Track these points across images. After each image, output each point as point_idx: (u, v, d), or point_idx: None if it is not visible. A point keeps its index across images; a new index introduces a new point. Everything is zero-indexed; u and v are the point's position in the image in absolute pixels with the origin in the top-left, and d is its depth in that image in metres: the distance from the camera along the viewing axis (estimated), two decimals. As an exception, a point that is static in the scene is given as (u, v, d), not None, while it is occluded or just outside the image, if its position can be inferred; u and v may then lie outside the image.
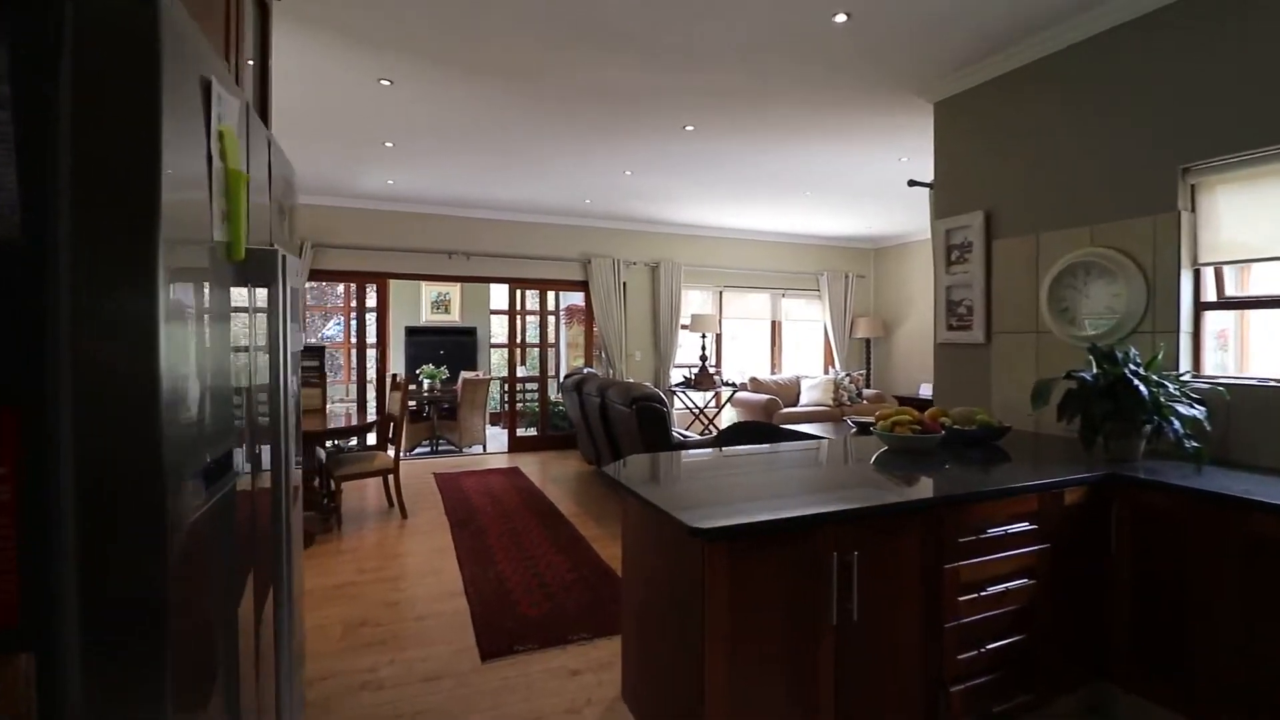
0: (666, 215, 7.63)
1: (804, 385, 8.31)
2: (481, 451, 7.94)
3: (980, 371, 3.40)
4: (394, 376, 5.02)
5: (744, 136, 4.72)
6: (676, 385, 7.99)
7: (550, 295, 8.00)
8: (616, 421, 4.83)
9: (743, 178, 5.92)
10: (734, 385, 8.05)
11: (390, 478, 4.82)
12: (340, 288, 10.05)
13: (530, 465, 6.80)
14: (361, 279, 6.92)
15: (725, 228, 8.34)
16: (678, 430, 5.21)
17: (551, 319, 8.56)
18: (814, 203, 6.90)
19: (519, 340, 7.72)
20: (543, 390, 7.87)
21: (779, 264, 8.94)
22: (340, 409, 7.18)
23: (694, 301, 8.64)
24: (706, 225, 8.21)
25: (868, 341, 9.29)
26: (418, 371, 8.59)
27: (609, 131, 4.66)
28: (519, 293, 7.62)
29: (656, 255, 8.17)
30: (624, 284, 7.85)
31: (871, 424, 2.71)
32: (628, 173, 5.70)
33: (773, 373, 9.20)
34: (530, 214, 7.47)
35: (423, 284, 9.92)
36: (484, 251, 7.27)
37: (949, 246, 3.58)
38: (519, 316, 7.72)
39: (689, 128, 4.55)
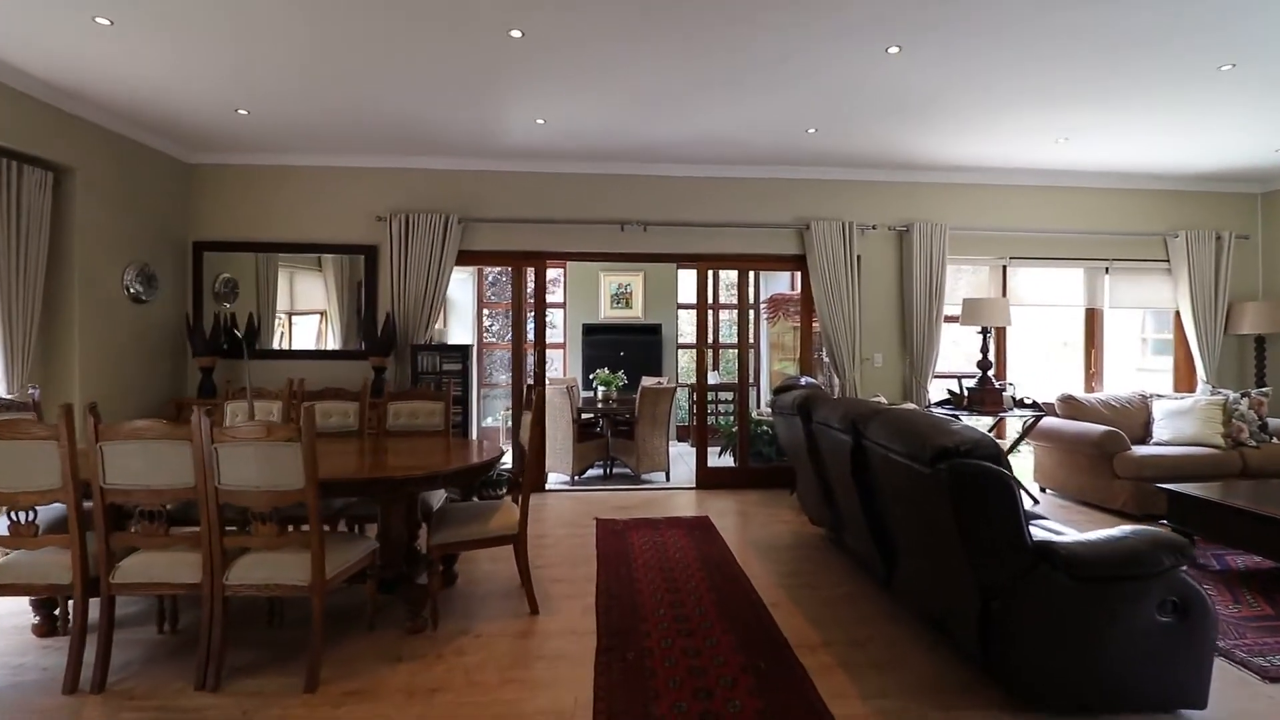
0: (928, 150, 5.18)
1: (1158, 410, 5.25)
2: (664, 481, 6.18)
3: None
4: (528, 390, 3.38)
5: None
6: (938, 405, 5.48)
7: (752, 278, 5.93)
8: (894, 485, 2.67)
9: (1104, 46, 3.36)
10: (1033, 406, 5.30)
11: (515, 548, 3.16)
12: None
13: (725, 514, 4.84)
14: (518, 261, 5.52)
15: (1017, 167, 5.60)
16: (1046, 525, 2.84)
17: (754, 312, 6.50)
18: (1222, 91, 4.00)
19: (710, 338, 5.78)
20: (741, 403, 5.86)
21: (1101, 220, 5.92)
22: (486, 426, 5.82)
23: (963, 282, 6.02)
24: (987, 164, 5.56)
25: (1259, 340, 5.83)
26: (591, 377, 7.11)
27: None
28: (710, 276, 5.69)
29: (907, 214, 5.72)
30: (857, 258, 5.54)
31: None
32: (893, 49, 3.46)
33: (1089, 387, 6.17)
34: (725, 165, 5.51)
35: (601, 274, 8.52)
36: (665, 219, 5.47)
37: None
38: (709, 310, 5.78)
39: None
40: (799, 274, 5.99)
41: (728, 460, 6.24)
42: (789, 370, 7.94)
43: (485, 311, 8.59)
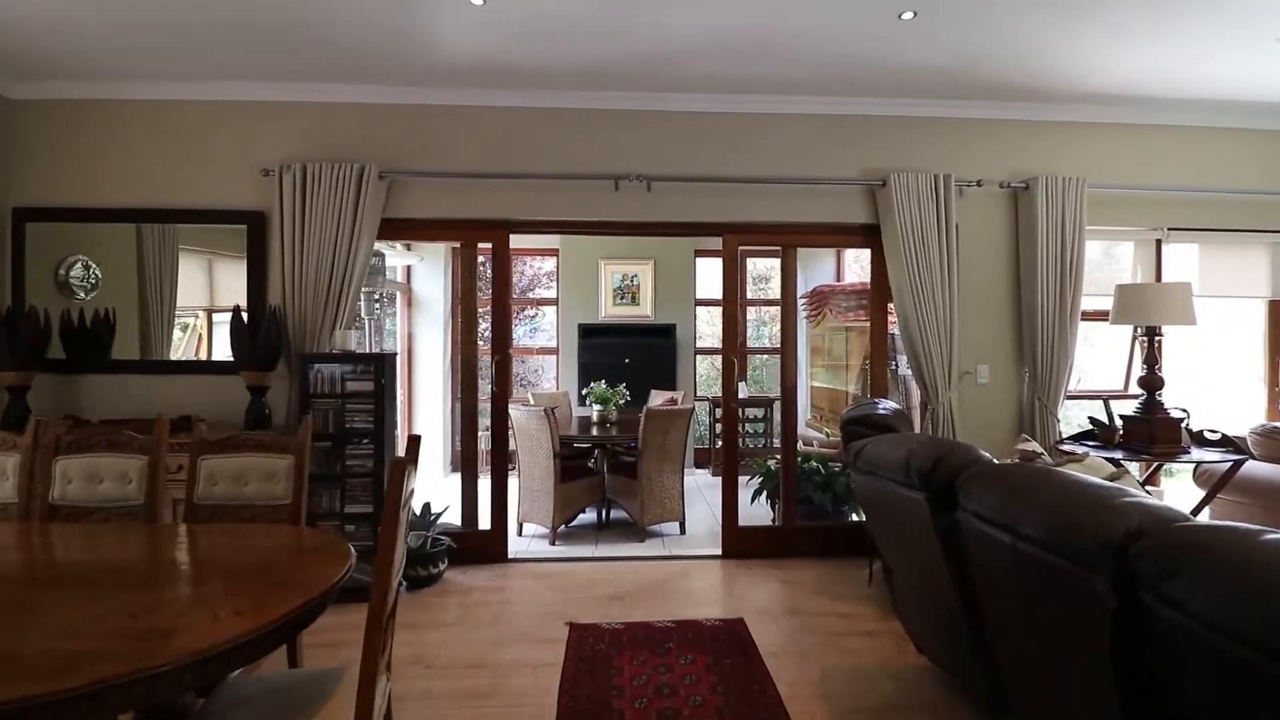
0: (1074, 65, 3.47)
1: None
2: (676, 533, 4.54)
3: None
4: (412, 441, 1.76)
5: None
6: (1074, 441, 3.78)
7: (800, 259, 4.27)
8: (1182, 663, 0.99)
9: None
10: (1222, 444, 3.54)
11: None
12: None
13: (769, 611, 3.16)
14: (469, 233, 3.91)
15: (1190, 97, 3.85)
16: None
17: (786, 307, 4.83)
18: None
19: (740, 339, 4.11)
20: (788, 435, 4.18)
21: (1301, 174, 4.16)
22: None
23: (1101, 258, 4.29)
24: (1146, 90, 3.82)
25: None
26: (585, 392, 5.49)
27: None
28: (740, 259, 4.04)
29: (1026, 165, 4.00)
30: (955, 227, 3.84)
31: None
32: None
33: (1275, 412, 4.39)
34: (764, 94, 3.85)
35: (602, 263, 6.90)
36: (676, 173, 3.82)
37: None
38: (740, 307, 4.14)
39: None
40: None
41: (762, 507, 4.57)
42: (831, 383, 6.25)
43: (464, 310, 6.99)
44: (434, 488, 5.62)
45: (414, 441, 1.79)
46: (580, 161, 3.82)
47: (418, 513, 3.56)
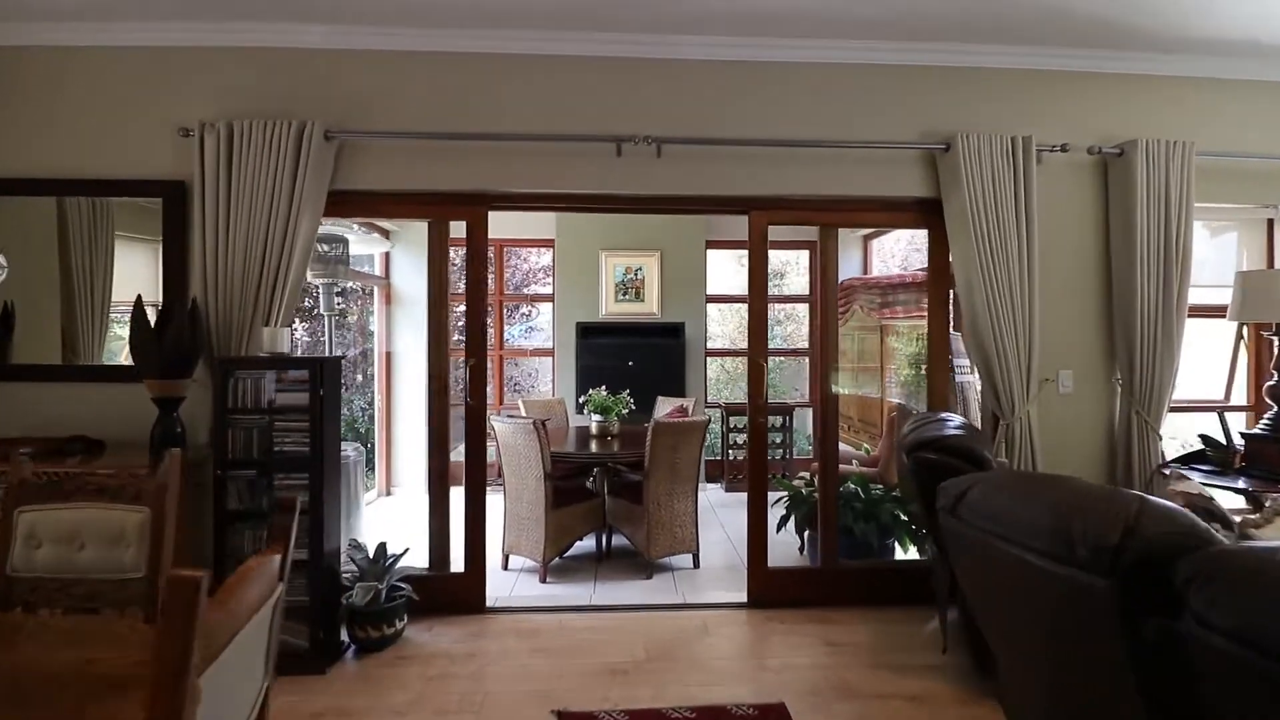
0: (1159, 9, 2.75)
1: None
2: (689, 567, 3.84)
3: None
4: (285, 508, 1.06)
5: None
6: (1182, 463, 3.06)
7: (836, 245, 3.54)
8: None
9: None
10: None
11: None
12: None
13: (817, 691, 2.44)
14: (439, 208, 3.20)
15: (1322, 41, 3.13)
16: None
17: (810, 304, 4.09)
18: None
19: (769, 338, 3.40)
20: (826, 448, 3.45)
21: None
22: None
23: (1208, 242, 3.58)
24: (1253, 40, 3.09)
25: None
26: (582, 400, 4.78)
27: None
28: (767, 242, 3.33)
29: (1119, 127, 3.27)
30: (1030, 198, 3.11)
31: None
32: None
33: None
34: (799, 39, 3.13)
35: (602, 255, 6.19)
36: (691, 134, 3.09)
37: None
38: (771, 304, 3.44)
39: None
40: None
41: (790, 535, 3.86)
42: (860, 390, 5.52)
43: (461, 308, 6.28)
44: (418, 515, 4.93)
45: (287, 508, 1.08)
46: (575, 120, 3.11)
47: (370, 555, 2.84)
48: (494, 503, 4.04)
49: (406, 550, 2.91)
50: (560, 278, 6.27)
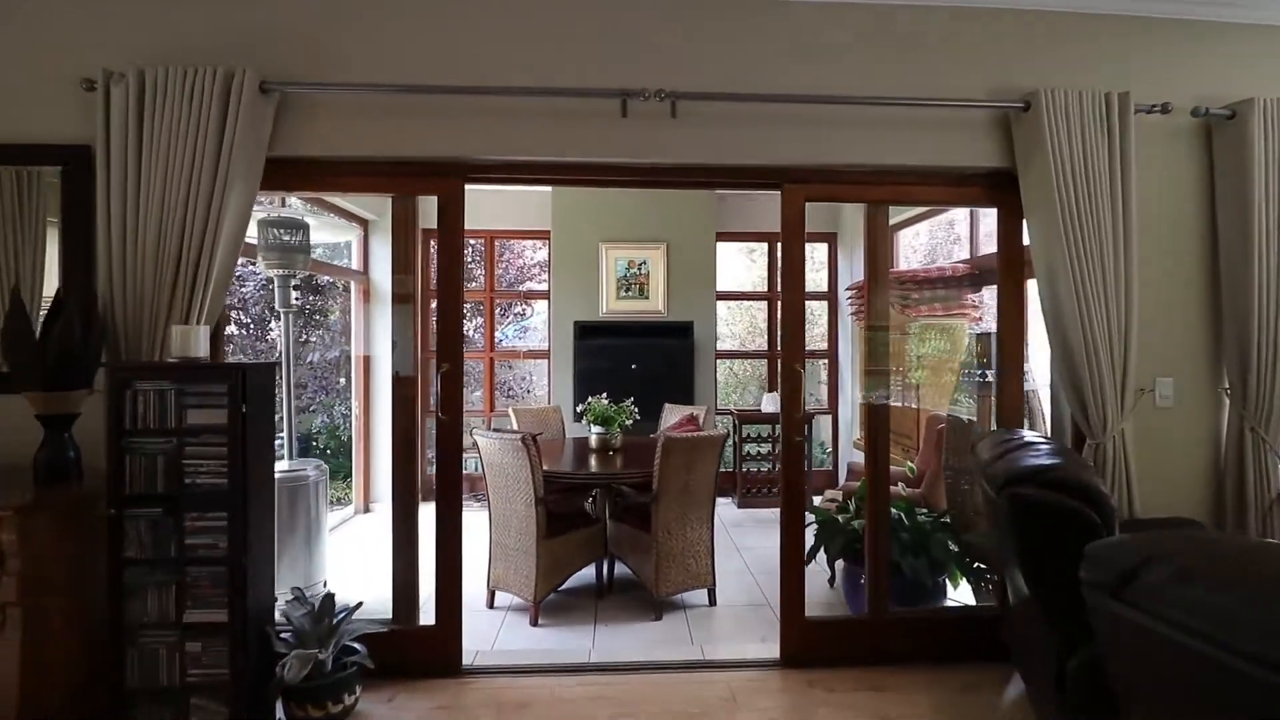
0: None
1: None
2: (704, 604, 3.27)
3: None
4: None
5: None
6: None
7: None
8: None
9: None
10: None
11: None
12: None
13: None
14: (405, 180, 2.63)
15: None
16: None
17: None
18: None
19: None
20: (876, 476, 2.86)
21: None
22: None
23: None
24: None
25: None
26: (581, 409, 4.21)
27: None
28: (801, 221, 2.74)
29: (1220, 86, 2.70)
30: (1128, 168, 2.54)
31: None
32: None
33: None
34: (850, -23, 2.56)
35: (603, 247, 5.63)
36: (712, 88, 2.51)
37: None
38: (810, 304, 2.85)
39: None
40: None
41: (820, 565, 3.31)
42: (893, 397, 4.94)
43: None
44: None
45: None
46: (572, 70, 2.54)
47: (315, 610, 2.27)
48: (479, 523, 3.51)
49: (359, 605, 2.34)
50: (556, 273, 5.71)
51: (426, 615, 2.65)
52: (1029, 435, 2.42)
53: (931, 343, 4.41)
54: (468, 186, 2.63)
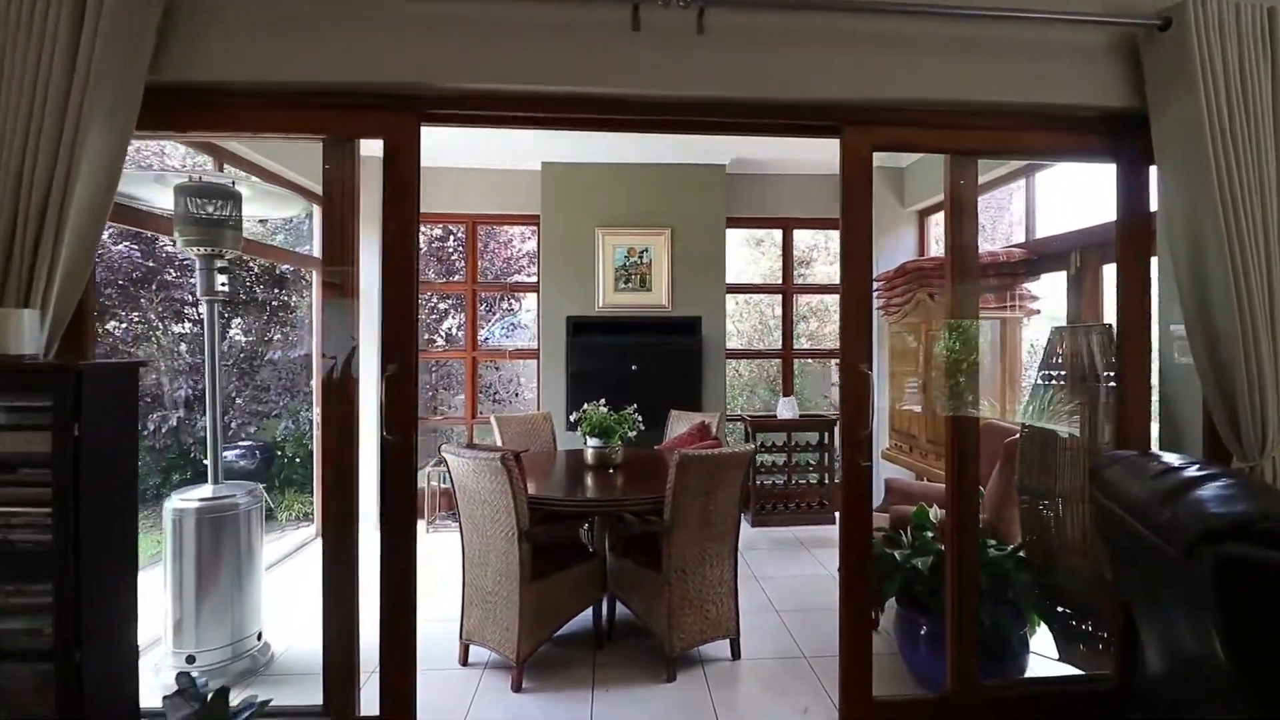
0: None
1: None
2: (726, 659, 2.63)
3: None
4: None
5: None
6: None
7: (975, 183, 2.29)
8: None
9: None
10: None
11: None
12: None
13: None
14: (344, 118, 1.97)
15: None
16: None
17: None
18: None
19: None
20: (956, 509, 2.24)
21: None
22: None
23: None
24: None
25: None
26: (575, 417, 3.56)
27: None
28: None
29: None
30: (1295, 113, 1.93)
31: None
32: None
33: None
34: None
35: (599, 233, 4.98)
36: None
37: None
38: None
39: None
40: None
41: (887, 619, 2.68)
42: (936, 402, 4.30)
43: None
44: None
45: None
46: (562, -29, 1.90)
47: (202, 708, 1.61)
48: (451, 550, 2.86)
49: (268, 702, 1.68)
50: (547, 261, 5.06)
51: (371, 694, 2.00)
52: (1174, 459, 1.80)
53: (991, 337, 3.78)
54: (425, 128, 1.98)
